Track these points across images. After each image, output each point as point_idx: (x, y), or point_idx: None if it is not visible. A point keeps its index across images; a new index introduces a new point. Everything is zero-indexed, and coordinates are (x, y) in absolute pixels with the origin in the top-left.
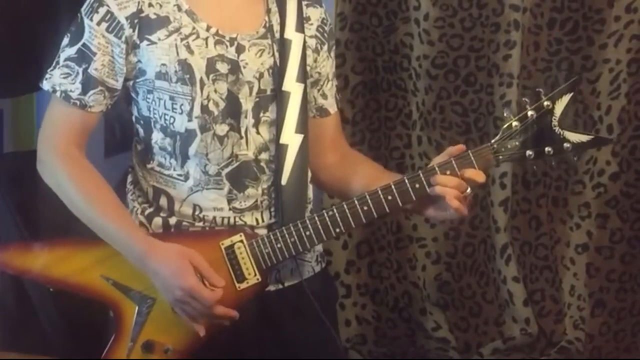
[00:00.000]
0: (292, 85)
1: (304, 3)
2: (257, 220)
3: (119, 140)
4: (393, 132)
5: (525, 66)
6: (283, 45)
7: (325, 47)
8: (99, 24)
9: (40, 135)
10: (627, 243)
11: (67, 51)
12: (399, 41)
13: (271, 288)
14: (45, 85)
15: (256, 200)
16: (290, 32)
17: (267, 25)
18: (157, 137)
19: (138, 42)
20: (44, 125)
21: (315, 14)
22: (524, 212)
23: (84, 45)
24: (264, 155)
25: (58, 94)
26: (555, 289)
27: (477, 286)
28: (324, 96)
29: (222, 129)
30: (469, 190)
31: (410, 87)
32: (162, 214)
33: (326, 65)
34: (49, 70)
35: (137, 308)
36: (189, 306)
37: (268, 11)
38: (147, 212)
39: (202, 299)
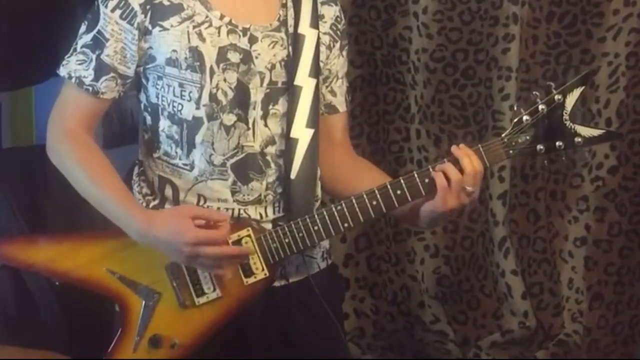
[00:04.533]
0: (304, 80)
1: (319, 1)
2: (261, 214)
3: (118, 133)
4: (392, 126)
5: (524, 59)
6: (297, 40)
7: (338, 45)
8: (113, 10)
9: (51, 118)
10: (625, 236)
11: (84, 38)
12: (397, 35)
13: (276, 284)
14: (62, 71)
15: (260, 195)
16: (305, 28)
17: (282, 19)
18: (164, 124)
19: (150, 28)
20: (55, 109)
21: (329, 12)
22: (522, 205)
23: (98, 32)
24: (270, 149)
25: (73, 80)
26: (554, 282)
27: (476, 279)
28: (333, 93)
29: (229, 118)
30: (470, 188)
31: (409, 80)
32: (167, 205)
33: (337, 63)
34: (66, 57)
35: (143, 302)
36: (202, 257)
37: (283, 5)
38: (151, 205)
39: (210, 240)
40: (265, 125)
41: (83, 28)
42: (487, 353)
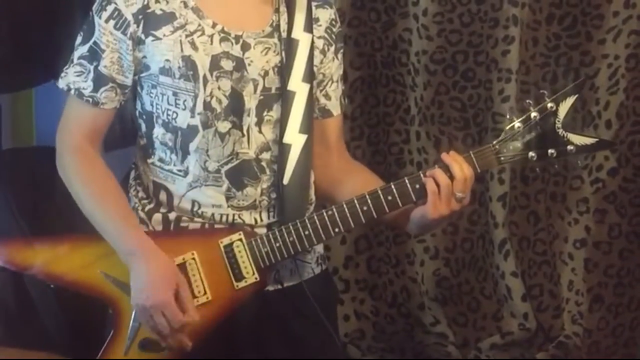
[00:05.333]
0: (297, 85)
1: (313, 4)
2: (255, 219)
3: (119, 135)
4: (392, 128)
5: (524, 61)
6: (290, 45)
7: (332, 49)
8: (107, 21)
9: (58, 132)
10: (625, 238)
11: (80, 49)
12: (397, 36)
13: (270, 288)
14: (61, 83)
15: (255, 200)
16: (298, 32)
17: (274, 24)
18: (158, 132)
19: (143, 37)
20: (61, 122)
21: (324, 15)
22: (522, 207)
23: (94, 43)
24: (265, 155)
25: (72, 92)
26: (554, 284)
27: (476, 281)
28: (327, 97)
29: (224, 126)
30: (460, 194)
31: (409, 82)
32: (162, 210)
33: (331, 66)
34: (64, 69)
35: None
36: (153, 319)
37: (276, 11)
38: (147, 208)
39: (171, 316)
40: (260, 131)
41: (79, 39)
42: (487, 355)
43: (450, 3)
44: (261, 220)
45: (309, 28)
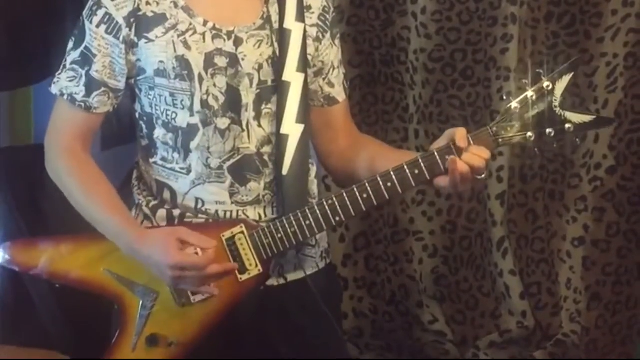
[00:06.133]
0: (292, 75)
1: None
2: (259, 215)
3: (116, 133)
4: (390, 126)
5: (522, 60)
6: (282, 36)
7: (328, 35)
8: (98, 26)
9: (47, 135)
10: (623, 236)
11: (72, 55)
12: (396, 35)
13: (274, 283)
14: (54, 89)
15: (258, 195)
16: (290, 22)
17: (265, 16)
18: (159, 133)
19: (136, 40)
20: (50, 126)
21: (316, 2)
22: (520, 205)
23: (85, 48)
24: (266, 149)
25: (65, 97)
26: (552, 283)
27: (474, 279)
28: (331, 85)
29: (223, 122)
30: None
31: (408, 80)
32: (166, 206)
33: (329, 53)
34: (57, 74)
35: (141, 302)
36: (186, 279)
37: (266, 2)
38: (151, 204)
39: (192, 266)
40: (259, 125)
41: (71, 44)
42: (485, 353)
43: (449, 1)
44: (265, 215)
45: (300, 17)
